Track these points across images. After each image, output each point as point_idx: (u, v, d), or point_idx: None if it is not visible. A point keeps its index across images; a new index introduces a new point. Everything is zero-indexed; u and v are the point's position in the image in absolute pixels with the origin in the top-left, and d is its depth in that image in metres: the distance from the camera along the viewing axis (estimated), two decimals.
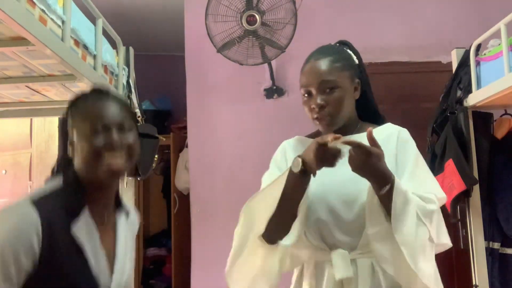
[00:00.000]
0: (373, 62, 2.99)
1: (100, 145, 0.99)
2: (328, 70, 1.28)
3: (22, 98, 2.05)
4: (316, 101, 1.26)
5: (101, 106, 1.04)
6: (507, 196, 2.17)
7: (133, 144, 1.05)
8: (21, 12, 1.21)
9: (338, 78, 1.28)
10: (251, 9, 2.44)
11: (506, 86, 1.86)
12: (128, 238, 1.14)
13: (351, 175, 1.15)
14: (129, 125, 1.05)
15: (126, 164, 1.03)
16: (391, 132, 1.36)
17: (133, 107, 0.97)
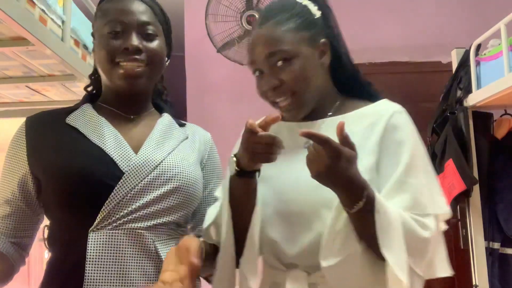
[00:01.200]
0: (373, 62, 3.00)
1: (116, 48, 0.94)
2: (274, 38, 0.93)
3: (22, 98, 2.06)
4: (268, 80, 0.96)
5: (122, 5, 0.97)
6: (507, 196, 2.17)
7: (156, 50, 0.97)
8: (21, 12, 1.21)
9: (291, 44, 0.93)
10: (251, 9, 2.44)
11: (506, 86, 1.85)
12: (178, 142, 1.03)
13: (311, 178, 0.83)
14: (154, 30, 0.97)
15: (145, 70, 0.96)
16: (380, 116, 0.97)
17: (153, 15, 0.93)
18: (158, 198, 0.92)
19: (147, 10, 0.98)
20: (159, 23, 1.01)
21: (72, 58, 1.59)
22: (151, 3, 1.01)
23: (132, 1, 0.98)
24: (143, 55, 0.96)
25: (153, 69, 0.99)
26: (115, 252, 0.86)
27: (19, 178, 0.98)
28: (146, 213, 0.90)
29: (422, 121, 2.61)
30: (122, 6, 0.97)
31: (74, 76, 1.71)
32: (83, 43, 1.72)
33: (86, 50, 1.76)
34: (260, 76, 0.99)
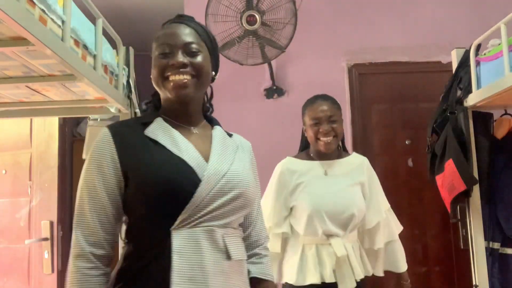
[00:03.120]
0: (373, 62, 3.00)
1: (164, 65, 1.13)
2: (332, 108, 1.86)
3: (22, 98, 2.05)
4: (325, 127, 1.82)
5: (169, 31, 1.17)
6: (507, 196, 2.17)
7: (200, 63, 1.15)
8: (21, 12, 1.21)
9: (338, 114, 1.87)
10: (251, 9, 2.44)
11: (506, 86, 1.86)
12: (234, 152, 1.21)
13: (342, 188, 1.83)
14: (197, 48, 1.15)
15: (192, 81, 1.14)
16: (361, 161, 1.94)
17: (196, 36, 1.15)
18: (227, 202, 1.10)
19: (191, 31, 1.17)
20: (203, 41, 1.18)
21: (72, 58, 1.59)
22: (194, 25, 1.19)
23: (178, 26, 1.17)
24: (189, 68, 1.13)
25: (199, 79, 1.15)
26: (195, 246, 1.05)
27: (114, 182, 1.09)
28: (217, 214, 1.09)
29: (422, 121, 2.64)
30: (170, 31, 1.16)
31: (74, 76, 1.71)
32: (83, 43, 1.72)
33: (86, 50, 1.76)
34: (317, 124, 1.86)
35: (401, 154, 2.96)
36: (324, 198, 1.80)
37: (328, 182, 1.84)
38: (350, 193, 1.84)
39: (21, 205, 3.09)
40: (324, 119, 1.82)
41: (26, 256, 3.06)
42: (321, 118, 1.82)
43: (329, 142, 1.82)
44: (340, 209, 1.78)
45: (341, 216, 1.78)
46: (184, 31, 1.16)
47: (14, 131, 3.17)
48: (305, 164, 1.89)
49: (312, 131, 1.84)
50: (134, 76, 2.39)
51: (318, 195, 1.81)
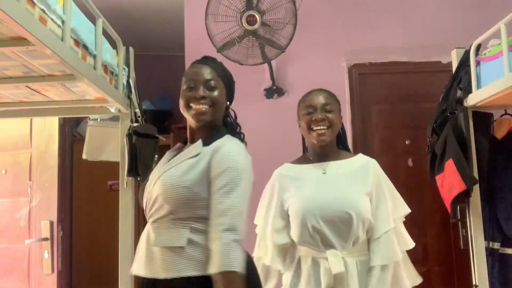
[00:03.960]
0: (373, 62, 3.00)
1: (189, 97, 1.46)
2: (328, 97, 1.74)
3: (22, 98, 2.05)
4: (318, 115, 1.66)
5: (194, 70, 1.51)
6: (507, 196, 2.17)
7: (216, 97, 1.46)
8: (21, 12, 1.21)
9: (334, 104, 1.73)
10: (251, 9, 2.44)
11: (506, 86, 1.86)
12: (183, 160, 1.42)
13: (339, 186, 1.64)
14: (215, 84, 1.47)
15: (209, 109, 1.45)
16: (366, 162, 1.72)
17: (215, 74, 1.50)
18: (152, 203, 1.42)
19: (211, 71, 1.49)
20: (221, 79, 1.50)
21: (72, 58, 1.59)
22: (214, 66, 1.51)
23: (201, 66, 1.50)
24: (207, 101, 1.45)
25: (214, 109, 1.46)
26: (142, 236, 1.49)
27: None
28: (150, 213, 1.43)
29: (422, 121, 2.64)
30: (195, 70, 1.50)
31: (74, 76, 1.71)
32: (83, 43, 1.72)
33: (86, 50, 1.76)
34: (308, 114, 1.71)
35: (401, 154, 2.96)
36: (317, 197, 1.62)
37: (325, 181, 1.66)
38: (348, 190, 1.63)
39: (21, 205, 3.09)
40: (318, 107, 1.67)
41: (26, 256, 3.06)
42: (314, 106, 1.68)
43: (322, 133, 1.64)
44: (333, 207, 1.58)
45: (335, 216, 1.56)
46: (206, 71, 1.48)
47: (14, 131, 3.17)
48: (301, 168, 1.74)
49: (305, 121, 1.68)
50: (134, 76, 2.39)
51: (311, 195, 1.63)
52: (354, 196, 1.61)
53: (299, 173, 1.72)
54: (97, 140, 2.45)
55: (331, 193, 1.62)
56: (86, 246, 3.45)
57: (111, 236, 2.45)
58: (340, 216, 1.56)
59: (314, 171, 1.70)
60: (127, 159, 2.16)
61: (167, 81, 3.99)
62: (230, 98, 1.55)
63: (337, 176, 1.66)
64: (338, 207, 1.57)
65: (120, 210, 2.23)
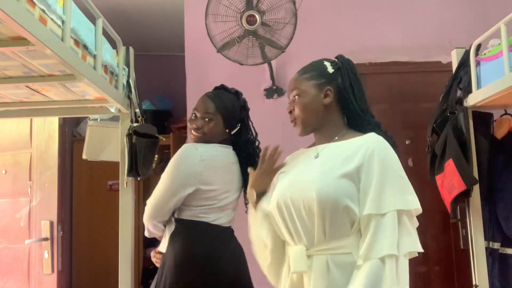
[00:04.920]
0: (373, 62, 3.00)
1: (191, 125, 1.93)
2: (295, 82, 1.48)
3: (22, 98, 2.05)
4: (289, 107, 1.49)
5: (199, 102, 1.95)
6: (507, 196, 2.17)
7: (210, 128, 1.87)
8: (21, 12, 1.20)
9: (302, 87, 1.45)
10: (251, 9, 2.44)
11: (506, 86, 1.85)
12: None
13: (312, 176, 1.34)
14: (210, 117, 1.87)
15: (202, 137, 1.88)
16: (365, 142, 1.36)
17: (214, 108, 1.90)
18: None
19: (211, 106, 1.89)
20: (219, 112, 1.89)
21: (72, 58, 1.59)
22: (214, 98, 1.91)
23: (203, 99, 1.93)
24: (201, 130, 1.89)
25: (206, 137, 1.88)
26: None
27: None
28: None
29: (422, 121, 2.63)
30: (199, 103, 1.94)
31: (74, 76, 1.70)
32: (83, 43, 1.72)
33: (86, 50, 1.76)
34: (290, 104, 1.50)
35: (401, 154, 2.93)
36: (291, 183, 1.38)
37: (310, 165, 1.39)
38: (322, 171, 1.33)
39: (21, 205, 3.09)
40: (290, 96, 1.49)
41: (26, 256, 3.06)
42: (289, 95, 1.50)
43: (296, 127, 1.46)
44: (297, 191, 1.34)
45: (299, 201, 1.32)
46: (206, 105, 1.89)
47: (14, 131, 3.18)
48: (302, 151, 1.53)
49: None
50: (134, 76, 2.39)
51: (288, 181, 1.41)
52: (324, 176, 1.31)
53: (297, 156, 1.53)
54: (97, 140, 2.45)
55: (304, 176, 1.37)
56: (86, 246, 3.46)
57: (111, 236, 2.45)
58: (303, 200, 1.31)
59: (308, 155, 1.46)
60: (127, 159, 2.16)
61: (167, 81, 4.01)
62: (230, 126, 1.93)
63: (327, 159, 1.37)
64: (301, 190, 1.32)
65: (120, 210, 2.23)
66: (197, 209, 1.81)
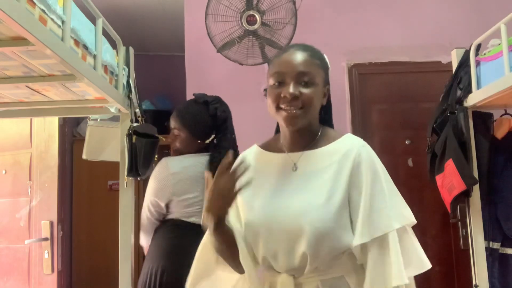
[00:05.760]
0: (373, 62, 3.00)
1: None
2: (307, 63, 1.21)
3: (22, 98, 2.05)
4: (289, 90, 1.17)
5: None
6: (507, 196, 2.17)
7: (178, 142, 1.39)
8: (21, 12, 1.20)
9: (315, 74, 1.21)
10: (251, 9, 2.44)
11: (506, 86, 1.86)
12: None
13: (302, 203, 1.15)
14: (177, 132, 1.44)
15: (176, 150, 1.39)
16: (350, 148, 1.20)
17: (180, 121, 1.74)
18: None
19: (174, 120, 1.44)
20: (182, 125, 1.49)
21: (72, 58, 1.59)
22: (177, 114, 1.49)
23: (171, 116, 1.43)
24: (174, 145, 1.41)
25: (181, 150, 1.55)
26: None
27: None
28: None
29: (422, 121, 2.63)
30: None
31: (74, 76, 1.70)
32: (83, 43, 1.72)
33: (86, 50, 1.76)
34: (278, 86, 1.20)
35: (401, 154, 2.96)
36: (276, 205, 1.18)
37: (292, 183, 1.20)
38: (312, 194, 1.16)
39: (21, 205, 3.09)
40: (290, 76, 1.18)
41: (26, 256, 3.06)
42: (285, 74, 1.18)
43: (293, 114, 1.17)
44: (283, 218, 1.15)
45: (284, 229, 1.14)
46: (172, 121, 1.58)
47: (14, 131, 3.18)
48: (269, 157, 1.28)
49: (272, 96, 1.20)
50: (134, 76, 2.39)
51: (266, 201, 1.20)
52: (318, 208, 1.13)
53: (264, 164, 1.28)
54: (97, 140, 2.45)
55: (287, 198, 1.18)
56: (86, 246, 3.46)
57: (111, 236, 2.45)
58: (290, 230, 1.14)
59: (283, 165, 1.24)
60: (127, 159, 2.16)
61: (167, 81, 4.01)
62: (200, 136, 1.94)
63: (310, 174, 1.19)
64: (287, 217, 1.15)
65: (120, 210, 2.23)
66: (179, 213, 1.95)
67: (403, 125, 2.99)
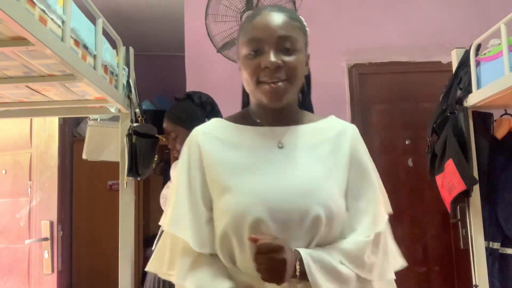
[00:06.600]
0: (373, 62, 3.00)
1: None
2: (287, 26, 0.99)
3: (22, 98, 2.05)
4: (270, 58, 0.96)
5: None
6: (507, 196, 2.17)
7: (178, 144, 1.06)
8: (21, 12, 1.20)
9: (298, 38, 1.01)
10: (251, 9, 2.43)
11: (506, 86, 1.86)
12: None
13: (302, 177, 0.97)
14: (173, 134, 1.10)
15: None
16: (343, 128, 1.08)
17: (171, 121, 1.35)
18: None
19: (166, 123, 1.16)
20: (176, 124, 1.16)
21: (72, 58, 1.59)
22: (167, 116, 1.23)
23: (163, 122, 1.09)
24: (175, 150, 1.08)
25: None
26: None
27: None
28: None
29: (422, 121, 2.63)
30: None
31: (74, 76, 1.70)
32: (83, 43, 1.72)
33: (86, 50, 1.76)
34: (254, 55, 1.00)
35: (401, 154, 2.96)
36: (269, 188, 0.95)
37: (281, 160, 1.00)
38: (316, 175, 0.98)
39: (21, 205, 3.09)
40: (269, 43, 0.98)
41: (26, 256, 3.06)
42: (263, 40, 0.98)
43: (277, 89, 0.98)
44: (290, 204, 0.94)
45: (292, 218, 0.93)
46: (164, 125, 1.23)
47: (14, 131, 3.18)
48: (242, 129, 1.07)
49: (248, 68, 1.00)
50: (134, 76, 2.39)
51: (258, 183, 0.97)
52: (325, 184, 0.97)
53: (237, 137, 1.06)
54: (97, 140, 2.45)
55: (290, 180, 0.97)
56: (86, 246, 3.46)
57: (111, 236, 2.45)
58: (301, 217, 0.93)
59: (265, 141, 1.03)
60: (127, 159, 2.16)
61: (167, 81, 4.01)
62: None
63: (300, 151, 1.02)
64: (300, 205, 0.94)
65: (120, 210, 2.23)
66: None
67: (403, 125, 2.99)
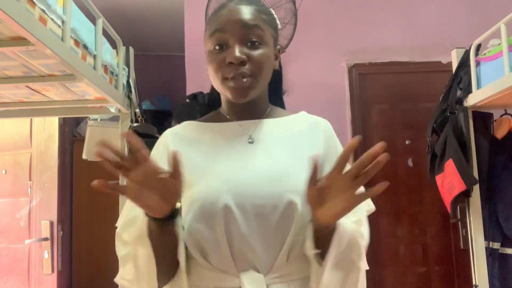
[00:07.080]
0: (373, 62, 3.00)
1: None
2: (253, 18, 0.95)
3: (22, 98, 2.05)
4: (235, 53, 0.92)
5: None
6: (507, 196, 2.17)
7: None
8: (21, 12, 1.20)
9: (264, 31, 0.97)
10: None
11: (506, 86, 1.86)
12: None
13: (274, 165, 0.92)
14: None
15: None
16: (315, 121, 1.04)
17: None
18: None
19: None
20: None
21: (72, 58, 1.59)
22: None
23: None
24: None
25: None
26: None
27: None
28: None
29: (422, 121, 2.64)
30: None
31: (74, 76, 1.70)
32: (83, 43, 1.72)
33: (86, 50, 1.76)
34: (221, 49, 0.96)
35: (401, 154, 2.96)
36: (237, 179, 0.90)
37: (251, 153, 0.96)
38: (288, 165, 0.93)
39: (21, 205, 3.09)
40: (233, 36, 0.94)
41: (26, 256, 3.06)
42: (227, 34, 0.94)
43: (242, 85, 0.94)
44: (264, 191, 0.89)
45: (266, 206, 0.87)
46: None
47: (14, 131, 3.18)
48: (211, 126, 1.04)
49: (213, 64, 0.97)
50: (134, 76, 2.39)
51: (225, 175, 0.92)
52: (299, 172, 0.87)
53: (205, 134, 1.02)
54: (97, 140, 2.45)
55: (261, 168, 0.92)
56: (86, 246, 3.45)
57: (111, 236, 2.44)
58: (275, 203, 0.87)
59: (234, 135, 1.00)
60: None
61: (167, 81, 4.01)
62: None
63: (271, 144, 0.98)
64: (272, 190, 0.89)
65: (120, 210, 2.23)
66: None
67: (403, 125, 2.99)
